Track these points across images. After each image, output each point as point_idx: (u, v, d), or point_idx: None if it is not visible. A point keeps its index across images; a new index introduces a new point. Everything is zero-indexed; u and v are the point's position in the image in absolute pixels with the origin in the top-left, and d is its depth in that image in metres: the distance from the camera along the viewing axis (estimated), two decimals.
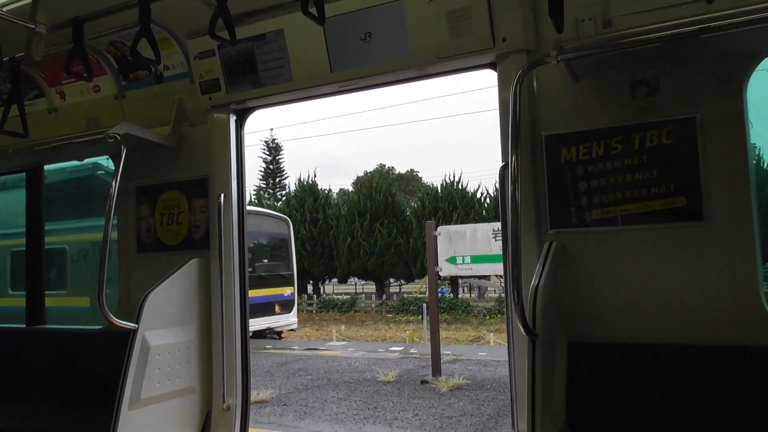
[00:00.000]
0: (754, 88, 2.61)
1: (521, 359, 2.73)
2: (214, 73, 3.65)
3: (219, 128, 3.78)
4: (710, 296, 2.57)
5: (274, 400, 9.43)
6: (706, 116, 2.59)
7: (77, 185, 12.57)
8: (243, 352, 3.76)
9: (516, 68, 2.65)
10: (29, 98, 4.33)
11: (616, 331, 2.72)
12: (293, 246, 19.26)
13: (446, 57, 3.06)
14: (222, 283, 3.68)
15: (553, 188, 2.87)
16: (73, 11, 3.19)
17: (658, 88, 2.69)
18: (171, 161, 3.99)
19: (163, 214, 4.05)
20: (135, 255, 4.15)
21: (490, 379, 10.34)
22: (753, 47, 2.52)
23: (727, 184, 2.56)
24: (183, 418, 3.63)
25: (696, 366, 2.54)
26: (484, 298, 30.13)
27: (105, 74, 4.06)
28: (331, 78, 3.37)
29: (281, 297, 18.08)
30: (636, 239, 2.72)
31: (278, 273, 18.19)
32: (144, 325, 3.36)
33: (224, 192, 3.74)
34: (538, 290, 2.44)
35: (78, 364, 4.11)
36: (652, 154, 2.68)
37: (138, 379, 3.30)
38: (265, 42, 3.45)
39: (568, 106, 2.86)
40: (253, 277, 17.34)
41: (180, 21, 3.58)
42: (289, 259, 18.86)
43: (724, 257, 2.55)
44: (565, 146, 2.85)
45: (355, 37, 3.21)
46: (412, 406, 8.86)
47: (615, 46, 2.45)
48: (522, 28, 2.86)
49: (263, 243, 18.51)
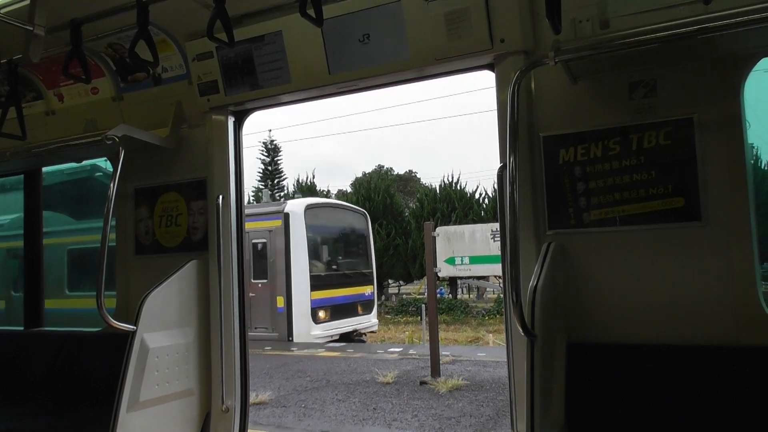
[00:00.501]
0: (751, 89, 2.62)
1: (520, 360, 2.74)
2: (213, 75, 3.65)
3: (217, 130, 3.78)
4: (708, 296, 2.57)
5: (273, 401, 9.41)
6: (703, 117, 2.60)
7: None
8: (242, 354, 3.75)
9: (514, 69, 2.66)
10: (27, 100, 4.33)
11: (614, 331, 2.72)
12: (372, 241, 18.63)
13: (444, 58, 3.06)
14: (221, 285, 3.68)
15: (551, 189, 2.87)
16: (71, 13, 3.20)
17: (656, 89, 2.70)
18: (169, 163, 3.99)
19: (162, 216, 4.04)
20: (133, 257, 4.15)
21: (489, 380, 10.34)
22: (750, 48, 2.53)
23: (724, 184, 2.56)
24: (182, 420, 3.63)
25: (694, 366, 2.54)
26: (482, 298, 30.14)
27: (103, 76, 4.06)
28: (330, 79, 3.37)
29: (363, 297, 17.49)
30: (634, 240, 2.73)
31: (360, 271, 17.61)
32: (142, 327, 3.36)
33: (223, 194, 3.74)
34: (536, 291, 2.44)
35: (76, 366, 4.10)
36: (649, 154, 2.68)
37: (137, 382, 3.30)
38: (264, 44, 3.45)
39: (566, 107, 2.87)
40: (336, 275, 16.85)
41: (178, 23, 3.58)
42: (368, 256, 18.21)
43: (722, 257, 2.56)
44: (563, 147, 2.85)
45: (354, 38, 3.22)
46: (411, 407, 8.85)
47: (612, 47, 2.46)
48: (520, 30, 2.87)
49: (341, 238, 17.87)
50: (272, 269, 16.05)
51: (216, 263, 3.69)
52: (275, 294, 15.91)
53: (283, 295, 15.76)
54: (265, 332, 15.93)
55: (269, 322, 16.03)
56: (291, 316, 15.64)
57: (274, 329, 15.90)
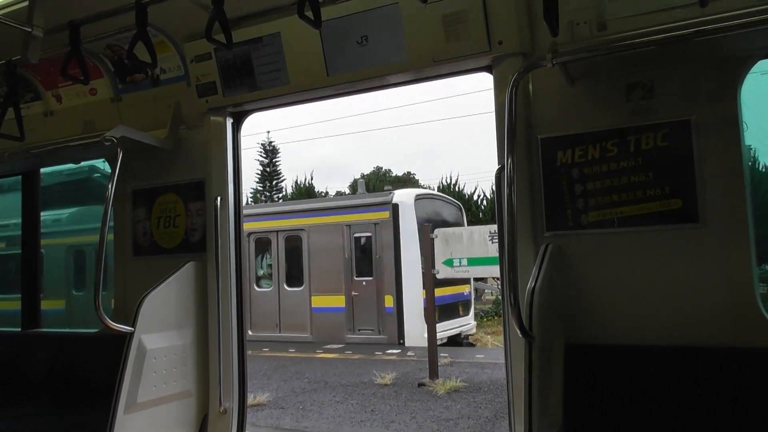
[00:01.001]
0: (748, 91, 2.63)
1: (518, 361, 2.74)
2: (211, 77, 3.65)
3: (216, 131, 3.78)
4: (706, 298, 2.58)
5: (271, 403, 9.40)
6: (700, 119, 2.61)
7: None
8: (240, 356, 3.75)
9: (512, 71, 2.66)
10: (25, 101, 4.33)
11: (612, 333, 2.73)
12: None
13: (442, 60, 3.07)
14: (219, 287, 3.68)
15: (549, 191, 2.88)
16: (69, 14, 3.20)
17: (653, 91, 2.70)
18: (168, 164, 3.99)
19: (160, 217, 4.04)
20: (132, 258, 4.14)
21: (487, 382, 10.33)
22: (747, 50, 2.54)
23: (722, 186, 2.57)
24: (179, 421, 3.62)
25: (692, 367, 2.54)
26: (480, 300, 30.12)
27: (102, 77, 4.06)
28: (328, 81, 3.37)
29: (462, 296, 16.21)
30: (632, 241, 2.73)
31: None
32: (140, 328, 3.36)
33: (221, 195, 3.74)
34: (534, 292, 2.44)
35: (74, 367, 4.10)
36: (647, 156, 2.69)
37: (134, 383, 3.29)
38: (262, 45, 3.45)
39: (564, 109, 2.87)
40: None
41: (177, 24, 3.58)
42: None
43: (720, 259, 2.56)
44: (561, 149, 2.86)
45: (352, 40, 3.22)
46: (409, 409, 8.85)
47: (610, 50, 2.47)
48: (517, 32, 2.88)
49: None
50: (378, 265, 14.96)
51: (214, 264, 3.69)
52: (383, 292, 14.78)
53: (392, 293, 14.60)
54: (370, 335, 14.98)
55: (376, 323, 14.98)
56: (402, 317, 14.48)
57: (382, 331, 14.83)
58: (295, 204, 21.38)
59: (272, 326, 16.24)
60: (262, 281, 17.06)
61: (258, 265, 17.11)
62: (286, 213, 17.36)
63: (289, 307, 16.18)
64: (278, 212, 17.85)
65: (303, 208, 17.44)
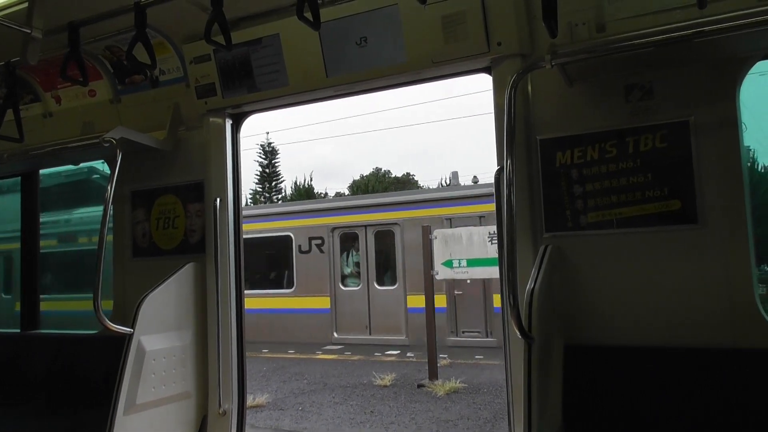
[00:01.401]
0: (747, 91, 2.63)
1: (517, 362, 2.74)
2: (210, 78, 3.65)
3: (215, 132, 3.78)
4: (705, 299, 2.58)
5: (271, 404, 9.40)
6: (699, 120, 2.61)
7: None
8: (239, 357, 3.75)
9: (511, 72, 2.67)
10: (24, 103, 4.33)
11: (611, 333, 2.73)
12: None
13: (441, 61, 3.07)
14: (218, 288, 3.68)
15: (548, 192, 2.88)
16: (69, 16, 3.20)
17: (652, 92, 2.71)
18: (167, 166, 3.99)
19: (159, 218, 4.04)
20: (131, 259, 4.14)
21: (487, 383, 10.33)
22: (745, 51, 2.54)
23: (721, 187, 2.57)
24: (178, 423, 3.62)
25: (691, 369, 2.55)
26: None
27: (101, 79, 4.06)
28: (327, 82, 3.38)
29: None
30: (631, 242, 2.73)
31: None
32: (139, 329, 3.35)
33: (220, 196, 3.74)
34: (533, 293, 2.44)
35: (73, 369, 4.09)
36: (646, 157, 2.69)
37: (133, 384, 3.29)
38: (261, 46, 3.45)
39: (563, 110, 2.88)
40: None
41: (176, 26, 3.58)
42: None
43: (719, 260, 2.56)
44: (560, 150, 2.86)
45: (351, 41, 3.22)
46: (408, 410, 8.85)
47: (609, 51, 2.47)
48: (516, 33, 2.88)
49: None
50: None
51: (213, 266, 3.69)
52: (490, 290, 13.81)
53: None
54: (477, 337, 14.20)
55: (483, 325, 14.18)
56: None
57: (491, 333, 14.01)
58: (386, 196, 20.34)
59: (361, 328, 15.48)
60: (348, 279, 16.23)
61: (344, 262, 16.24)
62: (376, 206, 16.32)
63: (380, 307, 15.30)
64: (367, 206, 16.70)
65: (396, 201, 16.48)
